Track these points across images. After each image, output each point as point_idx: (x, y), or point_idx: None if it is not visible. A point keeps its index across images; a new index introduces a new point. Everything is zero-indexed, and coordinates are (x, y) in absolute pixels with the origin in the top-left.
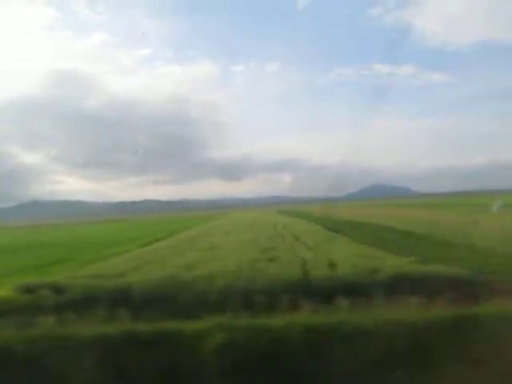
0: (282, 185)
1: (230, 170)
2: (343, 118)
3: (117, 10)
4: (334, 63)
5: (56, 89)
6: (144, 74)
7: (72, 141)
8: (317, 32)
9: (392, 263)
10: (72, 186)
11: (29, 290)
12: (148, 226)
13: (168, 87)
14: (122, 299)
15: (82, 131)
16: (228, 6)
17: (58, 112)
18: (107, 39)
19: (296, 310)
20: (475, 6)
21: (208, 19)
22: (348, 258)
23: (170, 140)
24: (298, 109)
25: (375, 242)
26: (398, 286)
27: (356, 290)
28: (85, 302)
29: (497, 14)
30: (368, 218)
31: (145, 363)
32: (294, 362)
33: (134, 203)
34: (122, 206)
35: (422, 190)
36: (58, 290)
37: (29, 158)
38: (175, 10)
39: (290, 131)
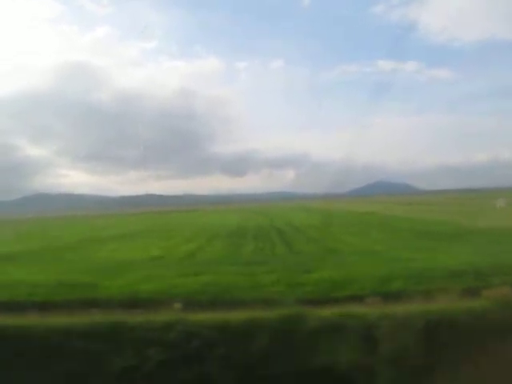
0: (286, 180)
1: (234, 165)
2: (347, 115)
3: (121, 3)
4: (338, 60)
5: (61, 82)
6: (148, 68)
7: (76, 134)
8: (321, 29)
9: None
10: (75, 179)
11: None
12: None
13: (172, 82)
14: None
15: (87, 124)
16: (232, 2)
17: (62, 105)
18: (112, 32)
19: None
20: (479, 3)
21: (212, 15)
22: None
23: (174, 134)
24: (302, 105)
25: None
26: None
27: None
28: None
29: (501, 11)
30: None
31: None
32: None
33: (137, 197)
34: (126, 201)
35: (426, 187)
36: None
37: (34, 151)
38: (179, 4)
39: (293, 127)
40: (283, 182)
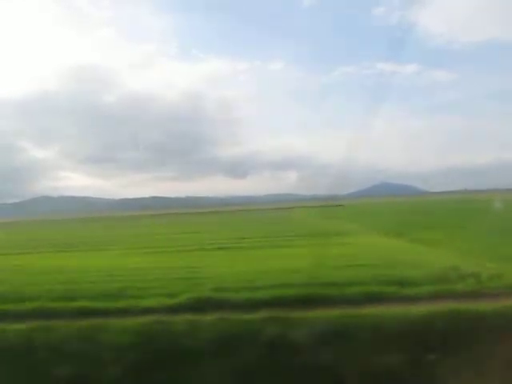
0: (288, 183)
1: (236, 167)
2: (349, 116)
3: (122, 6)
4: (339, 62)
5: (65, 85)
6: (150, 71)
7: (81, 137)
8: (321, 30)
9: None
10: (79, 182)
11: None
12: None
13: (174, 84)
14: None
15: (91, 127)
16: (232, 4)
17: (67, 107)
18: (114, 35)
19: None
20: (480, 6)
21: (213, 17)
22: None
23: (176, 137)
24: (304, 106)
25: None
26: None
27: None
28: None
29: (501, 13)
30: None
31: None
32: None
33: (140, 200)
34: (129, 203)
35: (430, 188)
36: None
37: (38, 153)
38: (180, 7)
39: (295, 128)
40: (285, 184)
